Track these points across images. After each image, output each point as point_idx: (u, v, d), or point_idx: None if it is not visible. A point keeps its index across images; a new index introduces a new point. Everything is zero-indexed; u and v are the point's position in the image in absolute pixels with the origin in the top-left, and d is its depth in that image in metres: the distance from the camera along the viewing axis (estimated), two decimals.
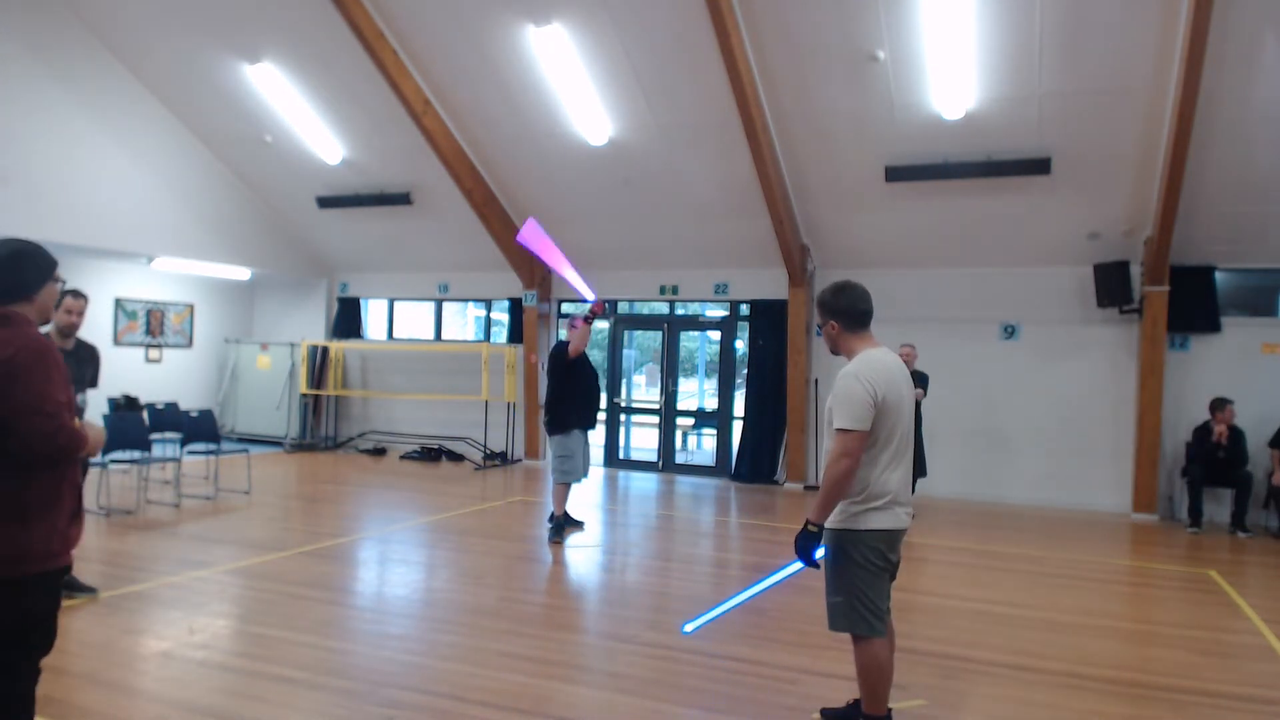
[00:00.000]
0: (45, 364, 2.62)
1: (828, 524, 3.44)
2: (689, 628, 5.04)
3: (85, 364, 5.45)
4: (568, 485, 7.61)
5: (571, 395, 7.53)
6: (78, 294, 5.27)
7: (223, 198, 12.43)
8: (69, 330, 5.26)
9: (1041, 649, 5.05)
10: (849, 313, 3.50)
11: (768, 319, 11.47)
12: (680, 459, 12.65)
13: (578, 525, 7.59)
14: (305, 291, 14.53)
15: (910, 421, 3.50)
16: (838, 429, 3.35)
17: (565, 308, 13.09)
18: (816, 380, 11.26)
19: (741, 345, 12.30)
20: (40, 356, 2.61)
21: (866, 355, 3.45)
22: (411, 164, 11.39)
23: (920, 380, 9.14)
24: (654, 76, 9.26)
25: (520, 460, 12.86)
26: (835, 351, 3.62)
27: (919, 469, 8.89)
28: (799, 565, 3.58)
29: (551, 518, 7.93)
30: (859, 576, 3.39)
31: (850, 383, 3.34)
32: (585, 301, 7.45)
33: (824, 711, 3.92)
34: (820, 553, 3.47)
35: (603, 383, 9.58)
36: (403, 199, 12.04)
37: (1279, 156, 8.31)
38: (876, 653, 3.43)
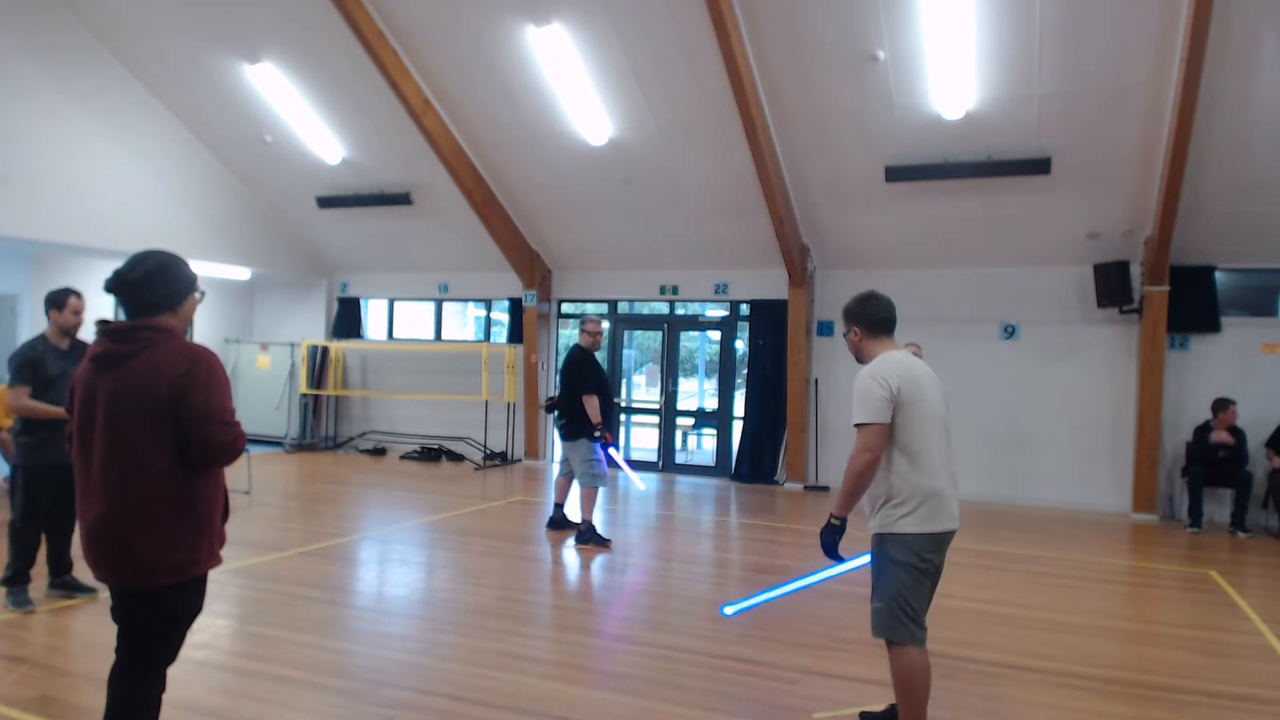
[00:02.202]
0: (218, 374, 2.73)
1: (872, 529, 3.46)
2: (729, 610, 4.94)
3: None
4: (597, 490, 7.48)
5: (599, 393, 7.41)
6: (80, 293, 5.26)
7: (223, 198, 12.42)
8: (73, 330, 5.25)
9: (1041, 649, 5.05)
10: (872, 319, 3.61)
11: (768, 319, 11.47)
12: (680, 459, 12.65)
13: (605, 543, 7.38)
14: (305, 291, 14.53)
15: (942, 420, 3.49)
16: (855, 425, 3.40)
17: (566, 308, 13.10)
18: (816, 380, 11.26)
19: (741, 345, 12.30)
20: (213, 367, 2.71)
21: (884, 356, 3.52)
22: (411, 164, 11.38)
23: None
24: (654, 76, 9.25)
25: (520, 460, 12.86)
26: (860, 359, 3.66)
27: None
28: (855, 562, 3.73)
29: (554, 517, 7.96)
30: (899, 580, 3.37)
31: (864, 381, 3.42)
32: (593, 314, 7.32)
33: (863, 715, 3.90)
34: (850, 554, 3.58)
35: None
36: (403, 199, 12.04)
37: (1279, 156, 8.31)
38: (913, 660, 3.38)
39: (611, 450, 7.34)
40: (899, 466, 3.36)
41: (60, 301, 5.15)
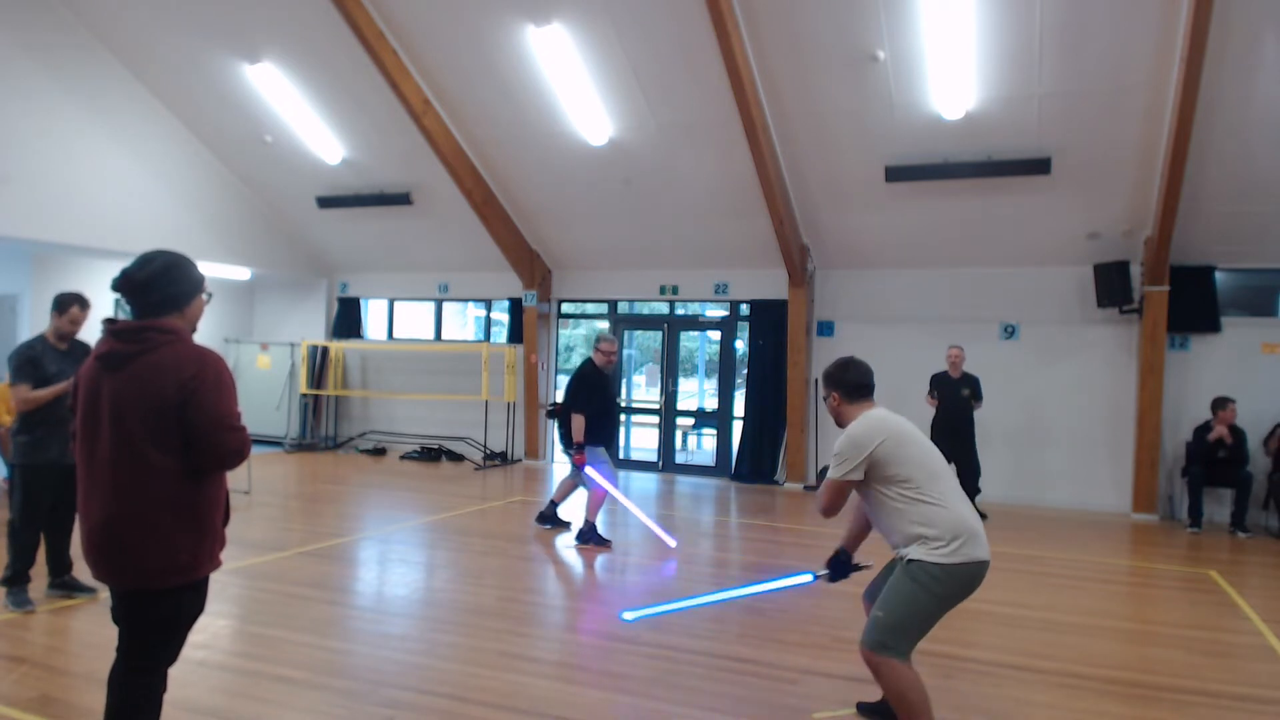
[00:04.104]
0: (226, 378, 2.71)
1: (907, 556, 3.49)
2: (629, 616, 4.94)
3: (81, 364, 5.43)
4: (605, 495, 7.50)
5: (599, 411, 7.44)
6: (85, 303, 5.25)
7: (223, 198, 12.42)
8: (68, 337, 5.25)
9: (1041, 649, 5.05)
10: (851, 385, 3.73)
11: (768, 319, 11.47)
12: (680, 459, 12.65)
13: (605, 544, 7.42)
14: (305, 291, 14.53)
15: (936, 459, 3.57)
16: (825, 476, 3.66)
17: (566, 308, 13.10)
18: (816, 380, 11.26)
19: (741, 345, 12.30)
20: (219, 372, 2.69)
21: (865, 415, 3.64)
22: (411, 164, 11.38)
23: (971, 383, 9.24)
24: (654, 76, 9.25)
25: (520, 460, 12.86)
26: (839, 423, 3.77)
27: (973, 472, 9.12)
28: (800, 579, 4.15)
29: (545, 512, 7.98)
30: (913, 600, 3.42)
31: (842, 440, 3.58)
32: (597, 315, 7.30)
33: (860, 706, 4.00)
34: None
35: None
36: (403, 199, 12.04)
37: (1279, 156, 8.31)
38: (901, 673, 3.42)
39: (589, 469, 7.35)
40: (921, 508, 3.42)
41: (63, 307, 5.16)
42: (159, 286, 2.71)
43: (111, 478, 2.63)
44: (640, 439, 13.19)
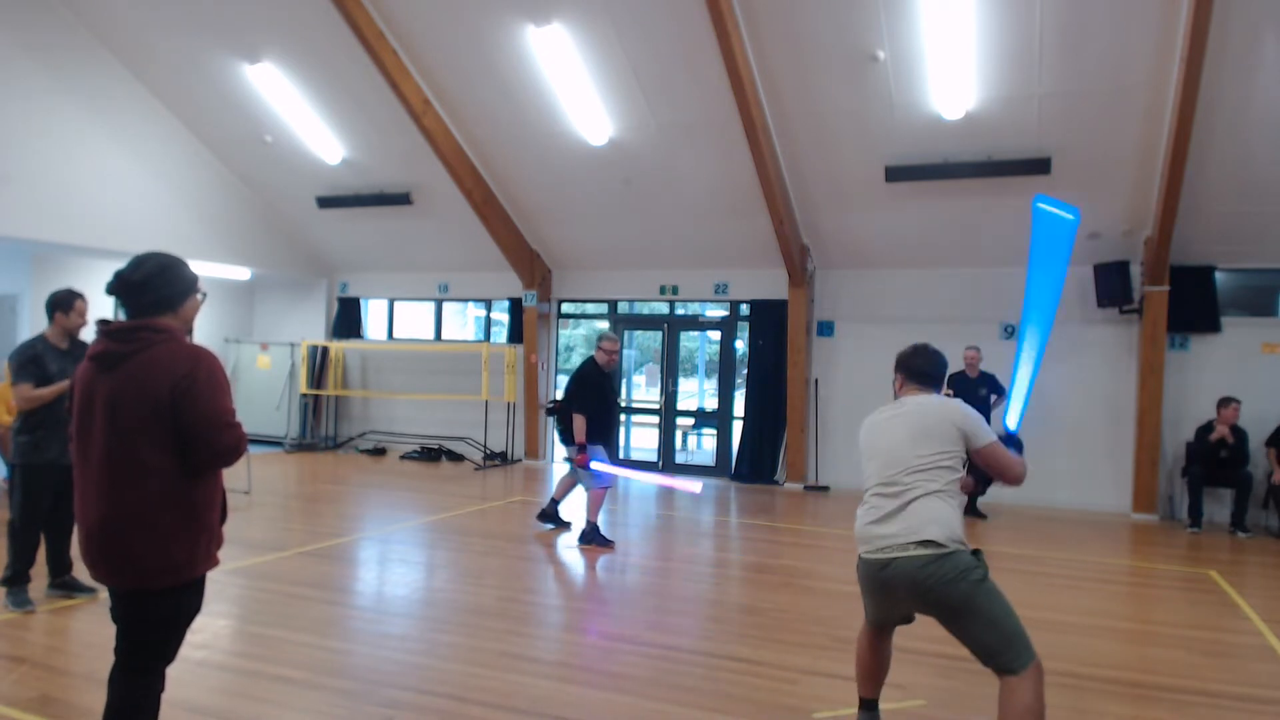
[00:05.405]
0: (219, 376, 2.71)
1: None
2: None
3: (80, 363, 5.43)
4: (604, 492, 7.51)
5: (599, 410, 7.46)
6: (84, 296, 5.25)
7: (223, 198, 12.42)
8: (77, 332, 5.25)
9: (1041, 649, 4.99)
10: (911, 371, 3.81)
11: (768, 319, 11.46)
12: (680, 459, 12.65)
13: (607, 544, 7.39)
14: (305, 291, 14.53)
15: (893, 463, 3.54)
16: None
17: (566, 308, 13.10)
18: (816, 380, 11.26)
19: (741, 345, 12.30)
20: (214, 369, 2.70)
21: (877, 410, 3.77)
22: (411, 164, 11.38)
23: (988, 381, 9.26)
24: (654, 76, 9.25)
25: (520, 460, 12.86)
26: None
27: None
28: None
29: (545, 510, 7.99)
30: None
31: None
32: (597, 315, 7.33)
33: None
34: None
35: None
36: (403, 199, 12.04)
37: (1279, 156, 8.31)
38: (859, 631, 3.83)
39: (593, 464, 7.37)
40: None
41: (67, 304, 5.15)
42: (153, 288, 2.72)
43: (107, 478, 2.63)
44: (640, 439, 13.18)
